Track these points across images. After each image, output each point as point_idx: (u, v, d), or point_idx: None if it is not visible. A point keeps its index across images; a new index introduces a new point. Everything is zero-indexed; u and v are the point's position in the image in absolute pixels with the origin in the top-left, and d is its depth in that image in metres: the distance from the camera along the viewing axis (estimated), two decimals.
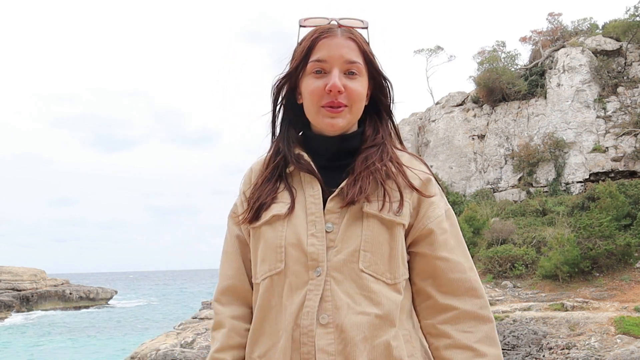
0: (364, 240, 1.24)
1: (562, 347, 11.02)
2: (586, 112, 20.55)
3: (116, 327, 31.62)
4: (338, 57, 1.28)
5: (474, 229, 17.88)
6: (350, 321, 1.20)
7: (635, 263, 14.31)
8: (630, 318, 11.33)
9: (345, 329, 1.20)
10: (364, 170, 1.27)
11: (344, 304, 1.21)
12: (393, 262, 1.25)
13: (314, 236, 1.25)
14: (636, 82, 20.08)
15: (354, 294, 1.22)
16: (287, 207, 1.29)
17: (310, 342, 1.20)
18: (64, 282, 44.98)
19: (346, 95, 1.28)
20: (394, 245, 1.26)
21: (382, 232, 1.25)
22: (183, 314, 31.16)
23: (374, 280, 1.23)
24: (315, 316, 1.20)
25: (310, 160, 1.32)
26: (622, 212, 15.51)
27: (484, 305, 1.28)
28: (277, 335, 1.25)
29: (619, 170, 19.36)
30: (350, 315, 1.20)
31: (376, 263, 1.24)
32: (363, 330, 1.20)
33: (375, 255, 1.24)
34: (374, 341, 1.21)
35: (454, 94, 24.97)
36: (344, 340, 1.20)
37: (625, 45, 20.81)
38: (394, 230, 1.26)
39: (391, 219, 1.25)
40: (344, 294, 1.22)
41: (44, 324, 32.47)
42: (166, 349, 12.60)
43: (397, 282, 1.26)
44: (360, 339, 1.20)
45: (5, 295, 37.39)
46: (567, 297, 13.23)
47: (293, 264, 1.25)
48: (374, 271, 1.23)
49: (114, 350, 22.78)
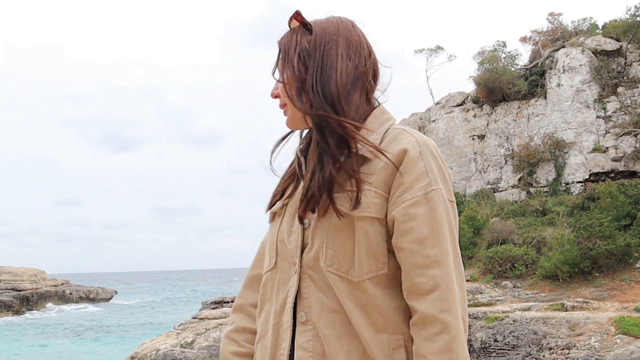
0: (327, 236, 1.19)
1: (562, 347, 11.03)
2: (586, 112, 20.56)
3: (116, 327, 31.63)
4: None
5: (474, 229, 17.90)
6: (324, 319, 1.19)
7: (635, 263, 14.31)
8: (630, 318, 11.33)
9: (320, 327, 1.19)
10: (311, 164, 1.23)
11: (318, 301, 1.20)
12: (357, 258, 1.17)
13: (294, 232, 1.25)
14: (636, 82, 20.08)
15: (327, 291, 1.19)
16: (283, 204, 1.32)
17: (288, 338, 1.21)
18: (64, 282, 45.00)
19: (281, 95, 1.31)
20: (359, 239, 1.16)
21: (344, 227, 1.18)
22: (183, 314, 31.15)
23: (338, 278, 1.18)
24: (290, 313, 1.22)
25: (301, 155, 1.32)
26: (622, 212, 15.52)
27: (446, 308, 1.10)
28: (266, 327, 1.28)
29: (619, 171, 19.37)
30: (324, 313, 1.19)
31: (339, 261, 1.18)
32: (337, 328, 1.18)
33: (337, 252, 1.18)
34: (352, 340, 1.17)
35: (454, 94, 24.97)
36: (321, 338, 1.19)
37: (625, 45, 20.81)
38: (359, 224, 1.17)
39: (347, 212, 1.16)
40: (319, 291, 1.20)
41: (45, 324, 32.47)
42: (166, 349, 12.61)
43: (363, 279, 1.16)
44: (335, 337, 1.18)
45: (5, 295, 37.40)
46: (567, 297, 13.23)
47: (281, 261, 1.27)
48: (337, 269, 1.18)
49: (113, 350, 22.78)
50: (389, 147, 1.20)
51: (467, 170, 23.49)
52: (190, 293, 68.68)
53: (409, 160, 1.17)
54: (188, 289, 79.65)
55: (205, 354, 12.73)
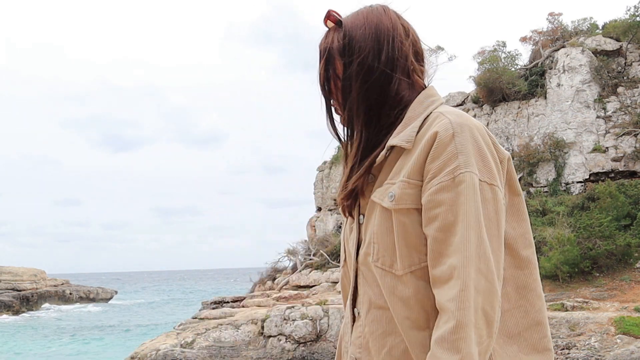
0: (373, 231, 1.20)
1: (562, 347, 11.02)
2: (586, 112, 20.55)
3: (116, 327, 31.61)
4: None
5: None
6: (371, 316, 1.21)
7: (635, 263, 14.30)
8: (630, 318, 11.32)
9: (367, 324, 1.21)
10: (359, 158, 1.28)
11: (367, 298, 1.23)
12: (400, 251, 1.14)
13: (353, 230, 1.29)
14: (636, 82, 20.08)
15: (375, 288, 1.21)
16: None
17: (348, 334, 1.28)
18: (64, 282, 44.99)
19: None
20: (398, 231, 1.14)
21: (385, 221, 1.17)
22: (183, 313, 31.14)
23: (383, 272, 1.17)
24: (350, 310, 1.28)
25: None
26: (622, 212, 15.51)
27: (455, 297, 1.03)
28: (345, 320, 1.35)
29: (619, 171, 19.36)
30: (372, 309, 1.21)
31: (383, 255, 1.18)
32: (382, 325, 1.18)
33: (382, 247, 1.18)
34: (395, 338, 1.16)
35: (454, 94, 24.97)
36: (367, 334, 1.21)
37: (625, 45, 20.80)
38: (396, 216, 1.15)
39: (386, 206, 1.16)
40: (368, 287, 1.22)
41: (44, 324, 32.45)
42: (166, 349, 12.60)
43: (405, 272, 1.13)
44: (379, 334, 1.18)
45: (5, 295, 37.39)
46: (567, 297, 13.22)
47: (347, 257, 1.33)
48: (382, 263, 1.17)
49: (113, 350, 22.76)
50: (426, 133, 1.15)
51: None
52: (190, 293, 68.65)
53: (439, 143, 1.11)
54: (188, 289, 79.60)
55: (205, 354, 12.72)
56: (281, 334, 13.95)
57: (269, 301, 16.74)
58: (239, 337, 13.73)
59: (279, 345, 13.73)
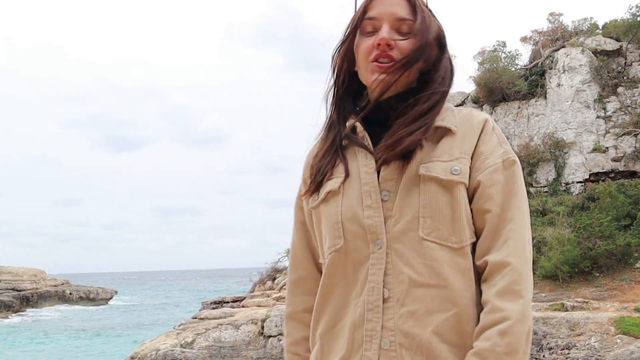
0: (422, 205, 1.18)
1: (562, 347, 11.02)
2: (586, 112, 20.55)
3: (116, 327, 31.62)
4: (389, 15, 1.24)
5: None
6: (412, 294, 1.16)
7: (635, 263, 14.30)
8: (630, 318, 11.32)
9: (406, 303, 1.16)
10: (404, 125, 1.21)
11: (405, 277, 1.17)
12: (457, 224, 1.18)
13: (370, 207, 1.21)
14: (636, 82, 20.08)
15: (417, 265, 1.17)
16: (340, 182, 1.26)
17: (376, 318, 1.17)
18: (64, 282, 44.99)
19: (397, 51, 1.24)
20: (456, 206, 1.19)
21: (441, 195, 1.18)
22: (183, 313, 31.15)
23: (438, 247, 1.17)
24: (380, 291, 1.17)
25: (364, 129, 1.28)
26: (622, 212, 15.51)
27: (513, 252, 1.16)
28: (341, 313, 1.23)
29: (619, 171, 19.36)
30: (412, 288, 1.16)
31: (438, 228, 1.18)
32: (426, 304, 1.15)
33: (436, 221, 1.18)
34: (442, 314, 1.15)
35: (454, 94, 24.95)
36: (404, 315, 1.16)
37: (625, 45, 20.80)
38: (454, 190, 1.19)
39: (449, 178, 1.19)
40: (405, 266, 1.17)
41: (44, 324, 32.45)
42: (166, 349, 12.60)
43: (464, 245, 1.19)
44: (423, 312, 1.15)
45: (5, 296, 37.39)
46: (567, 297, 13.22)
47: (352, 239, 1.22)
48: (436, 237, 1.17)
49: (113, 350, 22.77)
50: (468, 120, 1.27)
51: None
52: (190, 293, 68.66)
53: (487, 130, 1.25)
54: (188, 289, 79.60)
55: (205, 354, 12.72)
56: (281, 334, 13.94)
57: (269, 301, 16.74)
58: (239, 337, 13.74)
59: (279, 345, 13.73)
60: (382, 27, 1.24)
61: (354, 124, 1.30)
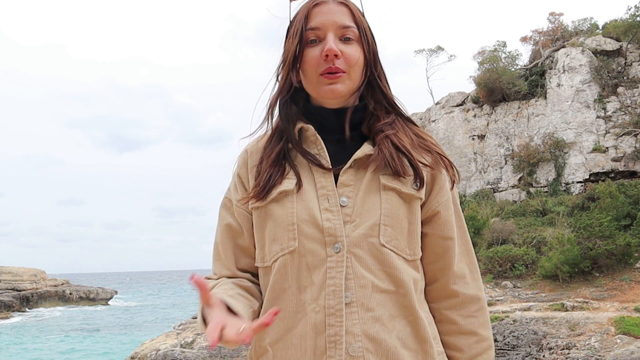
0: (383, 214, 1.18)
1: (562, 347, 11.02)
2: (586, 112, 20.55)
3: (116, 327, 31.62)
4: (332, 23, 1.23)
5: (474, 229, 17.87)
6: (375, 299, 1.15)
7: (635, 263, 14.30)
8: (630, 318, 11.32)
9: (371, 308, 1.15)
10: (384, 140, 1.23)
11: (367, 281, 1.15)
12: (412, 237, 1.21)
13: (329, 211, 1.18)
14: (636, 82, 20.07)
15: (376, 270, 1.16)
16: (294, 183, 1.22)
17: (339, 323, 1.13)
18: (64, 282, 44.97)
19: (343, 60, 1.22)
20: (412, 220, 1.21)
21: (401, 206, 1.20)
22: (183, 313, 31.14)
23: (395, 255, 1.18)
24: (342, 295, 1.13)
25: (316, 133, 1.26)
26: (622, 212, 15.51)
27: (481, 286, 1.31)
28: (294, 319, 1.17)
29: (619, 171, 19.36)
30: (374, 293, 1.15)
31: (396, 238, 1.18)
32: (389, 309, 1.16)
33: (395, 230, 1.19)
34: (402, 320, 1.17)
35: (454, 94, 24.97)
36: (370, 320, 1.14)
37: (625, 45, 20.80)
38: (412, 204, 1.21)
39: (410, 192, 1.21)
40: (366, 271, 1.16)
41: (44, 324, 32.45)
42: (166, 349, 12.60)
43: (416, 258, 1.22)
44: (387, 317, 1.15)
45: (5, 296, 37.38)
46: (567, 297, 13.22)
47: (308, 242, 1.17)
48: (394, 246, 1.18)
49: (113, 350, 22.77)
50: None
51: (467, 170, 23.48)
52: (191, 293, 68.64)
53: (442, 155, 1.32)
54: (188, 289, 79.59)
55: (205, 354, 12.72)
56: None
57: None
58: None
59: None
60: (327, 37, 1.22)
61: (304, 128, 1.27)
